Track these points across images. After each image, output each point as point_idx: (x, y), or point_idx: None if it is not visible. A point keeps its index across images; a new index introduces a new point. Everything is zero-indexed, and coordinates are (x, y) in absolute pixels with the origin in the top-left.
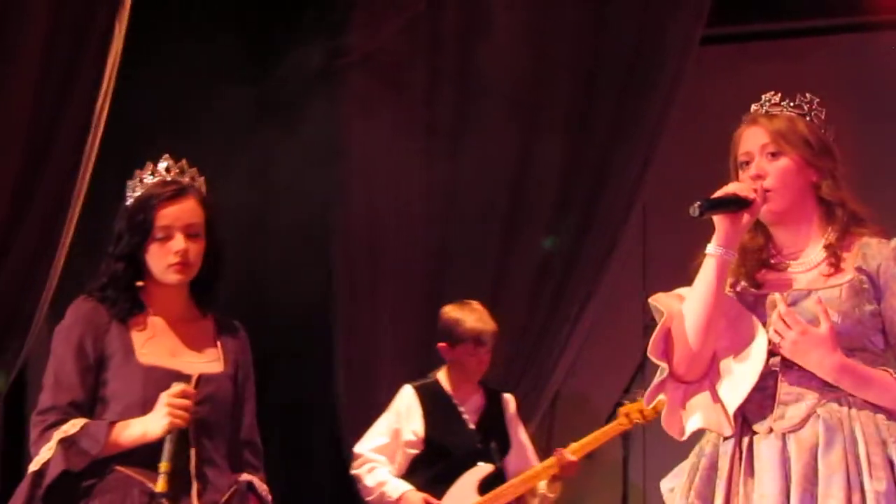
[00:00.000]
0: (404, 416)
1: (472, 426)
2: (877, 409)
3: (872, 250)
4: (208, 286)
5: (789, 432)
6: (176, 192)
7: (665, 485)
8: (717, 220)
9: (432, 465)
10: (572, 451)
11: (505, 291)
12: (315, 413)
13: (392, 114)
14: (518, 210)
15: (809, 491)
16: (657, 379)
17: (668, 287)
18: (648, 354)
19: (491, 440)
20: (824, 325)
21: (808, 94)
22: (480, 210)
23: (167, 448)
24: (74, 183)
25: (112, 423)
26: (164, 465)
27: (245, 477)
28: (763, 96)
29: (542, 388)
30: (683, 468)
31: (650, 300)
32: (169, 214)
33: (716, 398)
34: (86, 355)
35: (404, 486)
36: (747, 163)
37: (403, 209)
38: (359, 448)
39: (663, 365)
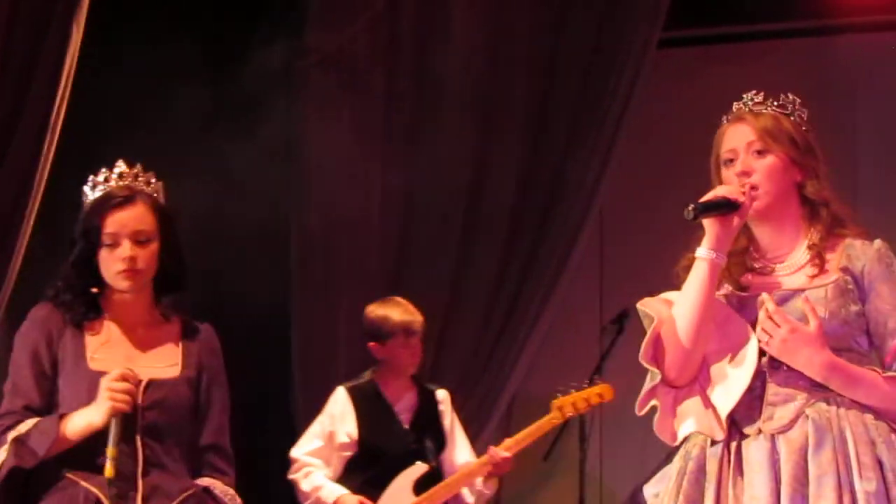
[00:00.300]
0: (338, 419)
1: (406, 426)
2: (864, 408)
3: (857, 251)
4: (170, 290)
5: (778, 433)
6: (124, 199)
7: (649, 490)
8: (708, 223)
9: (367, 468)
10: (505, 448)
11: (463, 294)
12: (271, 414)
13: (350, 115)
14: (476, 212)
15: (800, 492)
16: (648, 384)
17: (625, 291)
18: (640, 359)
19: (426, 439)
20: (813, 322)
21: (790, 95)
22: (438, 212)
23: (113, 433)
24: (31, 186)
25: (63, 416)
26: (110, 451)
27: (204, 481)
28: (745, 95)
29: (499, 390)
30: (668, 473)
31: (638, 305)
32: (116, 221)
33: (707, 403)
34: (40, 360)
35: (340, 490)
36: (731, 160)
37: (361, 211)
38: (294, 452)
39: (654, 370)
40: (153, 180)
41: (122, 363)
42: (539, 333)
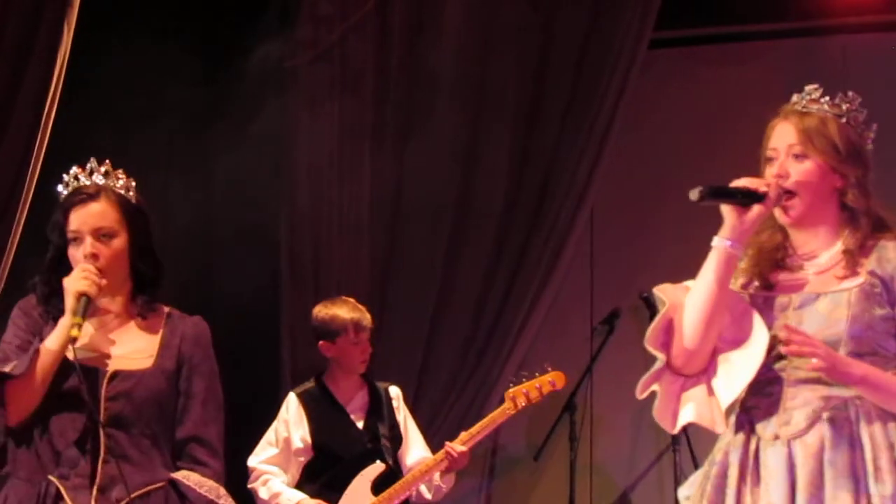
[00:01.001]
0: (292, 424)
1: (359, 426)
2: (884, 411)
3: (888, 253)
4: (147, 286)
5: (795, 438)
6: (87, 195)
7: (682, 493)
8: (725, 211)
9: (324, 471)
10: (461, 441)
11: (452, 293)
12: (261, 413)
13: (340, 112)
14: (465, 211)
15: (816, 496)
16: (652, 369)
17: (618, 293)
18: (645, 343)
19: (381, 437)
20: (817, 355)
21: (850, 93)
22: (428, 210)
23: (80, 307)
24: (22, 185)
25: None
26: (76, 318)
27: (180, 473)
28: (806, 88)
29: (488, 394)
30: (697, 477)
31: (655, 290)
32: (78, 218)
33: (711, 393)
34: (26, 335)
35: (298, 496)
36: (772, 159)
37: (351, 207)
38: (251, 461)
39: (660, 355)
40: (122, 177)
41: (90, 354)
42: (529, 333)
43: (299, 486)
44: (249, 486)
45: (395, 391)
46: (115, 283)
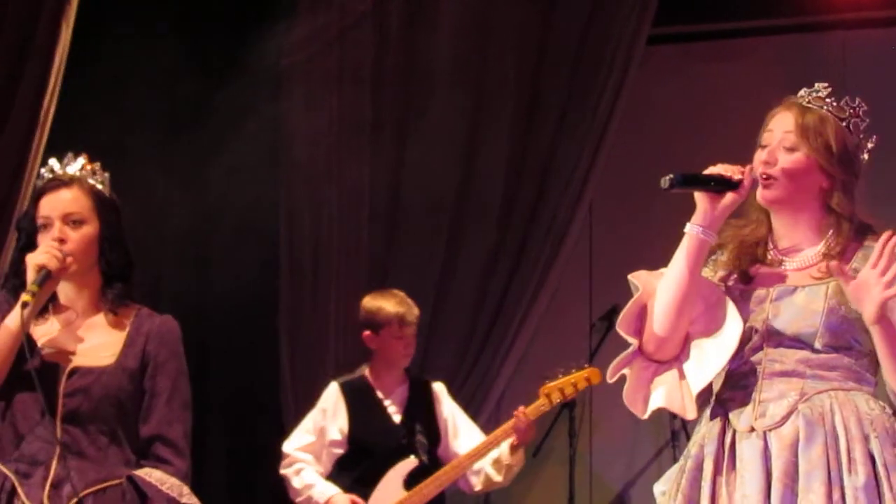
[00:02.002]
0: (330, 414)
1: (396, 420)
2: (859, 404)
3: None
4: (116, 280)
5: (770, 430)
6: (59, 183)
7: (658, 488)
8: (698, 198)
9: (358, 464)
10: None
11: (451, 289)
12: (260, 407)
13: (338, 111)
14: (465, 207)
15: (790, 487)
16: (624, 353)
17: (617, 288)
18: (617, 328)
19: (417, 433)
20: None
21: (857, 100)
22: (427, 206)
23: (37, 278)
24: (21, 181)
25: None
26: (31, 287)
27: (142, 471)
28: (816, 84)
29: (488, 386)
30: (673, 472)
31: (629, 276)
32: (48, 204)
33: (682, 376)
34: None
35: (332, 490)
36: (765, 145)
37: (349, 204)
38: (286, 447)
39: (632, 340)
40: (97, 170)
41: (57, 354)
42: (528, 329)
43: (331, 477)
44: (282, 471)
45: (438, 387)
46: (81, 270)
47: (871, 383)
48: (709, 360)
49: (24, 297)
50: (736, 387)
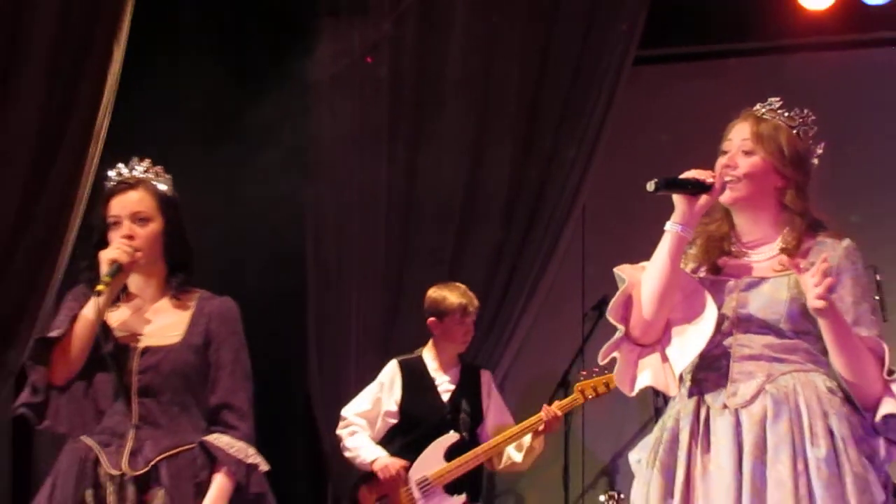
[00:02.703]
0: (387, 388)
1: (444, 399)
2: (818, 384)
3: (827, 247)
4: (179, 270)
5: (741, 408)
6: (127, 185)
7: (633, 456)
8: (676, 199)
9: (406, 434)
10: (557, 408)
11: (460, 282)
12: (289, 391)
13: (359, 123)
14: (471, 209)
15: (760, 458)
16: (613, 338)
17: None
18: (607, 315)
19: (461, 411)
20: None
21: (805, 110)
22: (438, 209)
23: (110, 270)
24: (76, 190)
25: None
26: (105, 279)
27: (211, 437)
28: (769, 99)
29: (493, 369)
30: (648, 442)
31: (615, 269)
32: (117, 204)
33: (665, 359)
34: (74, 310)
35: (379, 452)
36: (726, 152)
37: (368, 209)
38: (345, 411)
39: (620, 326)
40: (160, 172)
41: (127, 335)
42: (528, 317)
43: (382, 443)
44: (338, 431)
45: (486, 375)
46: (148, 262)
47: (826, 364)
48: (689, 343)
49: (98, 287)
50: (709, 368)
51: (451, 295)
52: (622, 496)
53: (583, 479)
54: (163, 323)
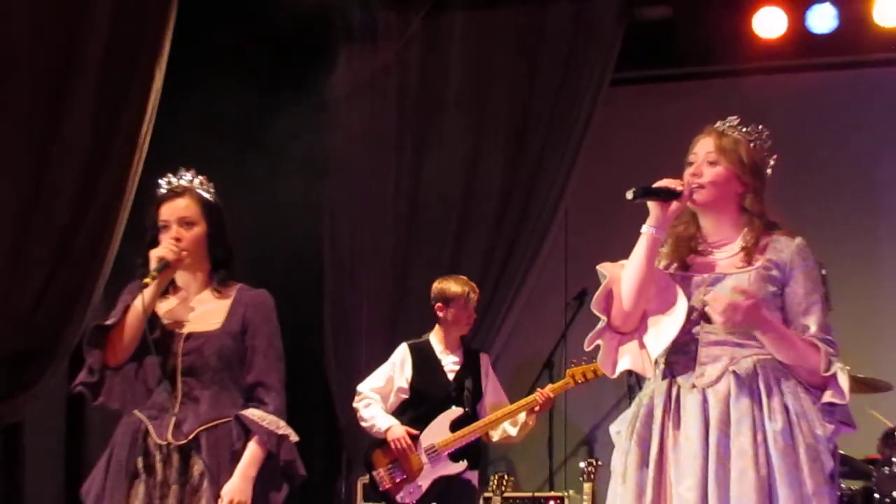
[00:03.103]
0: (398, 367)
1: (450, 377)
2: (776, 366)
3: (781, 245)
4: (221, 267)
5: (708, 387)
6: (175, 193)
7: (613, 428)
8: (651, 205)
9: (415, 408)
10: (550, 390)
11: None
12: (308, 377)
13: (369, 135)
14: (467, 211)
15: (724, 432)
16: (597, 328)
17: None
18: (591, 307)
19: (465, 389)
20: (749, 296)
21: (760, 126)
22: (438, 210)
23: (158, 266)
24: (123, 195)
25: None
26: (152, 273)
27: (245, 411)
28: (729, 118)
29: (486, 353)
30: (626, 416)
31: (598, 267)
32: (167, 210)
33: (642, 346)
34: (129, 302)
35: (392, 421)
36: (692, 163)
37: (378, 210)
38: (361, 387)
39: (603, 317)
40: (204, 181)
41: (174, 322)
42: (517, 307)
43: (394, 415)
44: (354, 404)
45: (485, 357)
46: (194, 262)
47: None
48: (663, 332)
49: (146, 280)
50: (680, 353)
51: (455, 284)
52: (600, 462)
53: (565, 448)
54: (205, 311)
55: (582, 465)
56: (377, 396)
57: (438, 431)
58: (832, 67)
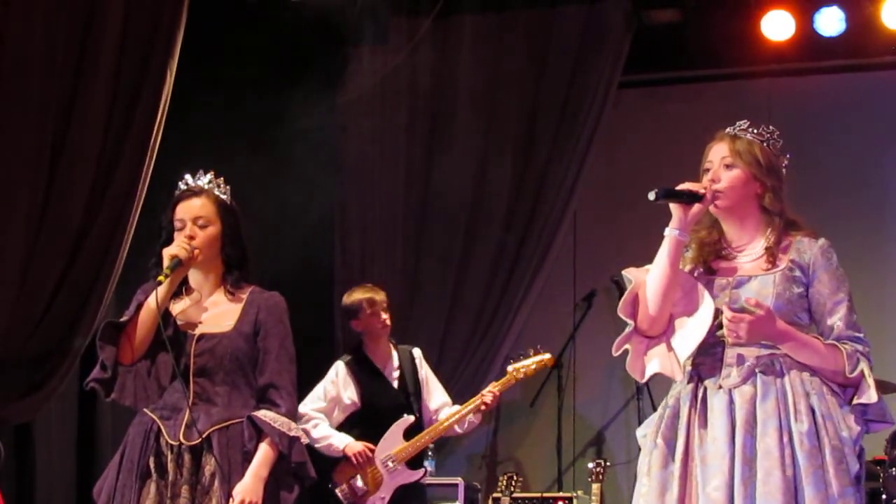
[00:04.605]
0: (341, 386)
1: (395, 385)
2: (803, 367)
3: (804, 246)
4: (235, 268)
5: (734, 388)
6: (191, 193)
7: (640, 432)
8: (673, 208)
9: (367, 421)
10: (491, 389)
11: (466, 280)
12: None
13: (381, 138)
14: (477, 213)
15: (750, 433)
16: (624, 332)
17: (595, 277)
18: (618, 312)
19: (410, 394)
20: (762, 309)
21: (770, 126)
22: (448, 213)
23: (170, 265)
24: (133, 197)
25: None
26: (165, 271)
27: (258, 412)
28: (738, 122)
29: (495, 354)
30: (653, 419)
31: (623, 272)
32: (182, 209)
33: (670, 350)
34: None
35: (347, 439)
36: (708, 169)
37: (389, 213)
38: (303, 408)
39: (630, 322)
40: (221, 183)
41: (188, 326)
42: (526, 308)
43: (342, 430)
44: (301, 426)
45: (416, 352)
46: (207, 262)
47: None
48: (690, 334)
49: (160, 278)
50: (706, 354)
51: (356, 294)
52: (608, 463)
53: (574, 448)
54: (218, 313)
55: (590, 465)
56: (322, 416)
57: (393, 441)
58: (840, 70)
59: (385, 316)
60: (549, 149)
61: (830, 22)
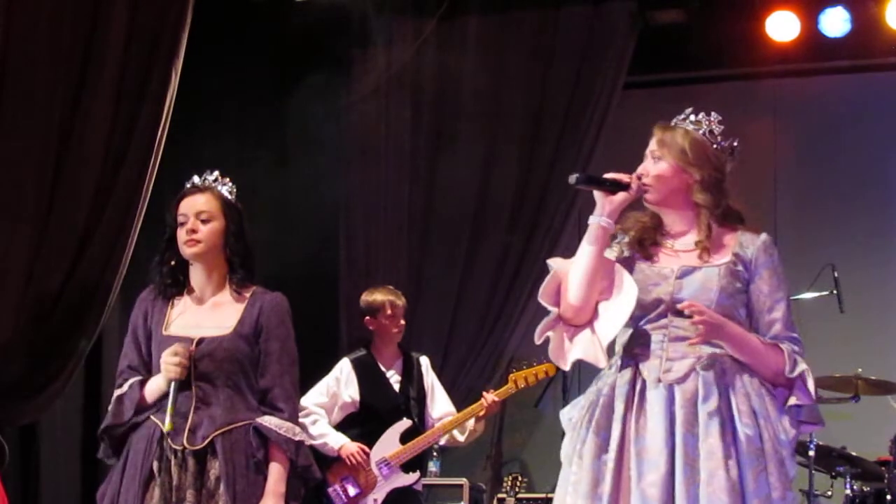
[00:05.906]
0: (343, 384)
1: (396, 388)
2: (743, 367)
3: (747, 241)
4: (239, 268)
5: (675, 383)
6: (195, 189)
7: (565, 414)
8: (597, 196)
9: (364, 422)
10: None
11: (471, 281)
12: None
13: (385, 139)
14: (482, 215)
15: (691, 431)
16: (546, 320)
17: None
18: (539, 299)
19: (411, 399)
20: (704, 314)
21: (712, 113)
22: (453, 215)
23: (171, 395)
24: (141, 191)
25: (143, 382)
26: (169, 409)
27: (261, 418)
28: (685, 111)
29: (500, 354)
30: (580, 402)
31: (548, 260)
32: (186, 204)
33: (594, 332)
34: (137, 332)
35: (343, 439)
36: (646, 158)
37: (394, 213)
38: (304, 401)
39: (553, 309)
40: (227, 182)
41: (188, 328)
42: (530, 311)
43: (340, 429)
44: (300, 419)
45: (424, 360)
46: (209, 260)
47: None
48: (614, 317)
49: (167, 426)
50: (645, 345)
51: (378, 294)
52: None
53: None
54: (218, 314)
55: None
56: (322, 412)
57: (389, 444)
58: (845, 71)
59: (402, 322)
60: (553, 149)
61: (835, 22)
